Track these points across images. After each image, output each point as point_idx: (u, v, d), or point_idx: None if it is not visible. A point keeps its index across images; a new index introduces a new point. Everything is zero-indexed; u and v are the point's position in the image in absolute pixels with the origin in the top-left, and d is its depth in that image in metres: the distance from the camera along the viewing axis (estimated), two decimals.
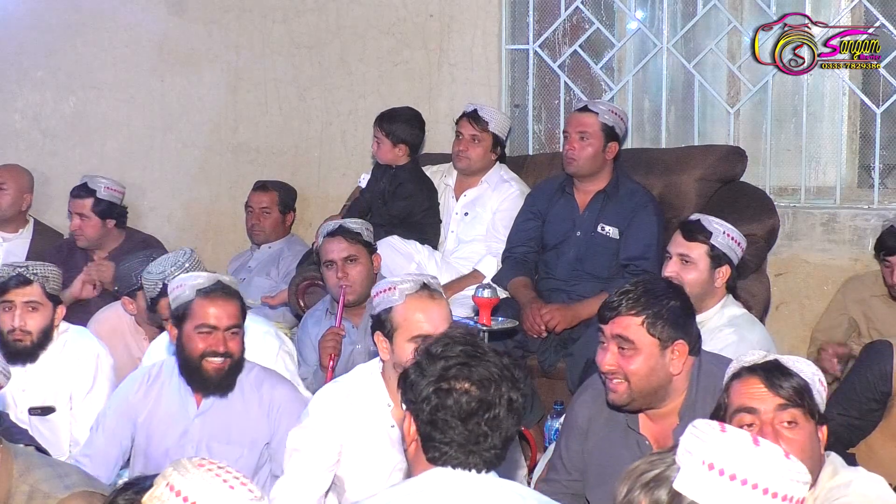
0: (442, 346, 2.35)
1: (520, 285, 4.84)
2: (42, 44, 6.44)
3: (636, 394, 2.99)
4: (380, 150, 5.23)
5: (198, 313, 3.50)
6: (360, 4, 5.96)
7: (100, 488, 2.82)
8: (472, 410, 2.28)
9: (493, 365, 2.32)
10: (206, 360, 3.52)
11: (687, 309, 3.04)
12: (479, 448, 2.29)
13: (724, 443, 1.83)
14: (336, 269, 4.48)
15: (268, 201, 5.88)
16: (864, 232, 5.30)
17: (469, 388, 2.29)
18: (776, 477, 1.82)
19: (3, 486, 2.65)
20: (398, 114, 5.27)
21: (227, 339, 3.52)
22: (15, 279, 3.98)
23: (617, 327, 2.97)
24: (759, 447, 1.84)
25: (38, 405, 4.09)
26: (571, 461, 3.24)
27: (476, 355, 2.33)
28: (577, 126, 4.83)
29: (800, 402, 2.57)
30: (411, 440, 2.36)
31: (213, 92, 6.25)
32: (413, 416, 2.34)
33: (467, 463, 2.29)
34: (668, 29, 5.60)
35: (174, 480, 2.00)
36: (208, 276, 3.57)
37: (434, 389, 2.30)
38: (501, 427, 2.30)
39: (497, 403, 2.30)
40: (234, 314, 3.53)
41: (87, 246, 5.48)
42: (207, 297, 3.50)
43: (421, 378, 2.32)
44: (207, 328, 3.49)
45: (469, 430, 2.28)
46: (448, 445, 2.29)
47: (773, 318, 5.30)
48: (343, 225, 4.57)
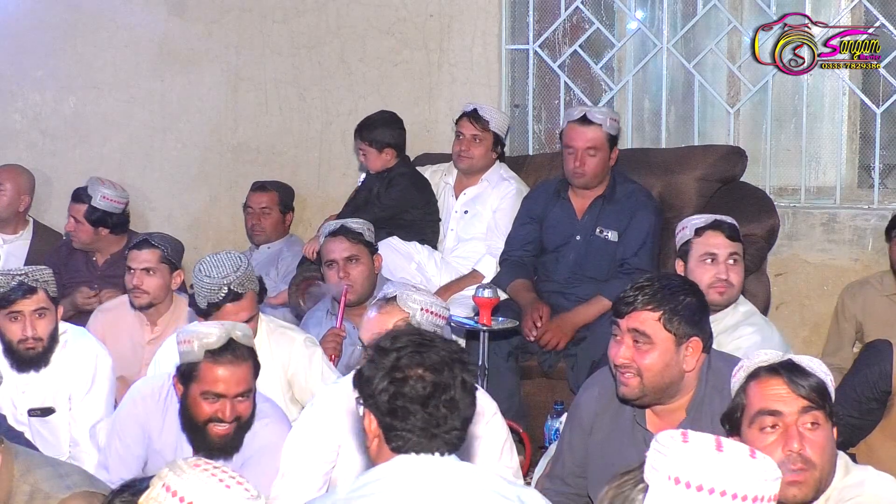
0: (390, 339, 2.42)
1: (520, 287, 4.84)
2: (42, 44, 6.44)
3: (648, 388, 2.99)
4: (368, 160, 5.25)
5: (205, 378, 3.25)
6: (360, 4, 5.96)
7: (101, 488, 2.82)
8: (430, 394, 2.35)
9: (443, 349, 2.40)
10: (211, 425, 3.29)
11: (702, 306, 3.05)
12: (441, 430, 2.35)
13: (686, 454, 1.82)
14: (337, 269, 4.48)
15: (267, 201, 5.89)
16: (864, 232, 5.30)
17: (423, 373, 2.36)
18: (743, 480, 1.80)
19: (4, 486, 2.65)
20: (375, 120, 5.29)
21: (235, 405, 3.28)
22: (20, 289, 3.94)
23: (633, 321, 2.97)
24: (723, 452, 1.82)
25: (37, 407, 4.09)
26: (575, 456, 3.24)
27: (425, 343, 2.41)
28: (584, 142, 4.75)
29: (821, 403, 2.56)
30: (373, 436, 2.40)
31: (213, 92, 6.25)
32: (372, 410, 2.39)
33: (430, 447, 2.35)
34: (668, 29, 5.60)
35: (170, 481, 2.00)
36: (220, 333, 3.27)
37: (390, 380, 2.36)
38: (459, 407, 2.37)
39: (452, 385, 2.36)
40: (245, 378, 3.28)
41: (82, 248, 5.48)
42: (216, 361, 3.24)
43: (375, 371, 2.38)
44: (214, 396, 3.26)
45: (429, 414, 2.34)
46: (410, 432, 2.35)
47: (773, 318, 5.28)
48: (345, 225, 4.57)
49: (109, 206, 5.41)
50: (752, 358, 2.69)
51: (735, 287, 3.80)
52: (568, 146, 4.79)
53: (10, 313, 3.98)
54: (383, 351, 2.40)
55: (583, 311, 4.66)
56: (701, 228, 3.84)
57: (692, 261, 3.81)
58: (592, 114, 4.79)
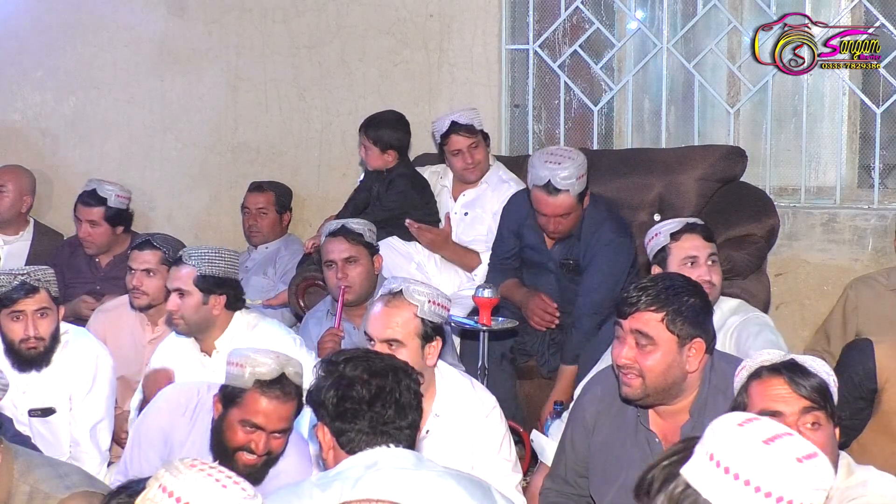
0: (336, 356, 2.59)
1: (512, 286, 4.81)
2: (42, 44, 6.44)
3: (650, 389, 2.98)
4: (368, 156, 5.21)
5: (248, 407, 3.14)
6: (360, 4, 5.96)
7: (100, 488, 2.82)
8: (375, 395, 2.48)
9: (387, 361, 2.56)
10: (241, 453, 3.19)
11: (705, 307, 3.03)
12: (389, 428, 2.47)
13: (732, 438, 1.75)
14: (336, 270, 4.47)
15: (264, 202, 5.89)
16: (864, 232, 5.30)
17: (368, 378, 2.50)
18: (779, 479, 1.71)
19: (4, 487, 2.65)
20: (382, 119, 5.25)
21: (271, 440, 3.18)
22: (22, 288, 3.93)
23: (636, 322, 2.96)
24: (770, 446, 1.74)
25: (37, 407, 4.09)
26: (577, 456, 3.24)
27: (370, 355, 2.60)
28: (554, 210, 4.54)
29: (822, 403, 2.56)
30: (328, 448, 2.52)
31: (213, 92, 6.25)
32: (323, 420, 2.52)
33: (380, 442, 2.47)
34: (668, 29, 5.60)
35: (166, 481, 2.00)
36: (274, 365, 3.15)
37: (336, 387, 2.50)
38: (405, 409, 2.49)
39: (397, 388, 2.49)
40: (287, 417, 3.18)
41: (96, 253, 5.49)
42: (264, 393, 3.13)
43: (324, 383, 2.53)
44: (252, 426, 3.16)
45: (376, 413, 2.46)
46: (360, 431, 2.46)
47: (772, 317, 5.23)
48: (345, 225, 4.55)
49: (122, 203, 5.50)
50: (754, 357, 2.69)
51: (717, 287, 3.80)
52: (539, 211, 4.61)
53: (12, 313, 3.98)
54: (332, 364, 2.55)
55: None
56: (677, 233, 3.83)
57: (672, 266, 3.78)
58: (556, 181, 4.50)
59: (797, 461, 1.74)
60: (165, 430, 3.45)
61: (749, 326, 3.79)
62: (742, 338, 3.74)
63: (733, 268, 4.71)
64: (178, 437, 3.42)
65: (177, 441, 3.42)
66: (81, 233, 5.48)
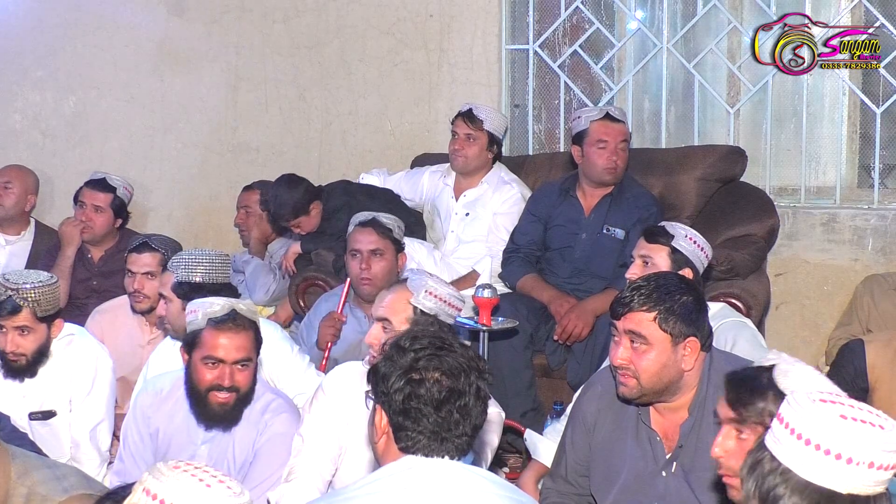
0: (410, 339, 2.42)
1: (535, 282, 4.84)
2: (42, 44, 6.44)
3: (646, 389, 2.99)
4: (306, 228, 5.24)
5: (206, 343, 3.39)
6: (360, 4, 5.96)
7: (98, 490, 2.81)
8: (444, 398, 2.35)
9: (461, 356, 2.40)
10: (212, 393, 3.42)
11: (699, 305, 3.03)
12: (451, 435, 2.36)
13: (807, 408, 2.01)
14: (360, 260, 4.46)
15: (251, 201, 5.84)
16: (864, 232, 5.30)
17: (440, 377, 2.36)
18: (853, 442, 1.97)
19: (1, 489, 2.64)
20: (279, 200, 5.22)
21: (235, 372, 3.41)
22: (6, 306, 3.93)
23: (629, 323, 2.97)
24: (847, 420, 2.01)
25: (38, 410, 4.09)
26: (577, 455, 3.24)
27: (444, 347, 2.41)
28: (616, 136, 4.78)
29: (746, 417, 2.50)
30: (382, 433, 2.41)
31: (213, 92, 6.25)
32: (384, 407, 2.39)
33: (440, 450, 2.36)
34: (668, 29, 5.59)
35: (150, 485, 2.00)
36: (224, 304, 3.42)
37: (406, 380, 2.36)
38: (471, 415, 2.38)
39: (467, 392, 2.37)
40: (244, 346, 3.41)
41: (90, 240, 5.44)
42: (217, 328, 3.38)
43: (392, 370, 2.38)
44: (214, 360, 3.40)
45: (441, 418, 2.35)
46: (421, 434, 2.35)
47: (773, 317, 5.30)
48: (376, 217, 4.54)
49: (126, 196, 5.51)
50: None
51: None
52: (600, 142, 4.78)
53: None
54: (402, 350, 2.40)
55: (599, 299, 4.62)
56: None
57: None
58: (614, 111, 4.87)
59: (872, 426, 2.03)
60: (141, 426, 3.63)
61: (725, 333, 3.77)
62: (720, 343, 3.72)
63: (733, 267, 4.71)
64: (160, 419, 3.60)
65: (161, 422, 3.60)
66: (83, 216, 5.42)
